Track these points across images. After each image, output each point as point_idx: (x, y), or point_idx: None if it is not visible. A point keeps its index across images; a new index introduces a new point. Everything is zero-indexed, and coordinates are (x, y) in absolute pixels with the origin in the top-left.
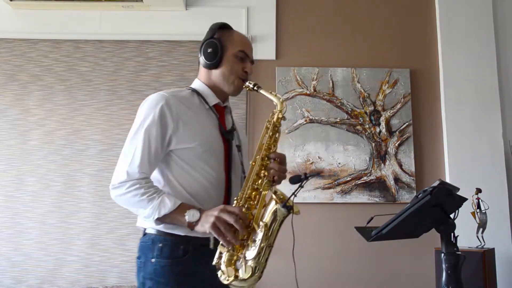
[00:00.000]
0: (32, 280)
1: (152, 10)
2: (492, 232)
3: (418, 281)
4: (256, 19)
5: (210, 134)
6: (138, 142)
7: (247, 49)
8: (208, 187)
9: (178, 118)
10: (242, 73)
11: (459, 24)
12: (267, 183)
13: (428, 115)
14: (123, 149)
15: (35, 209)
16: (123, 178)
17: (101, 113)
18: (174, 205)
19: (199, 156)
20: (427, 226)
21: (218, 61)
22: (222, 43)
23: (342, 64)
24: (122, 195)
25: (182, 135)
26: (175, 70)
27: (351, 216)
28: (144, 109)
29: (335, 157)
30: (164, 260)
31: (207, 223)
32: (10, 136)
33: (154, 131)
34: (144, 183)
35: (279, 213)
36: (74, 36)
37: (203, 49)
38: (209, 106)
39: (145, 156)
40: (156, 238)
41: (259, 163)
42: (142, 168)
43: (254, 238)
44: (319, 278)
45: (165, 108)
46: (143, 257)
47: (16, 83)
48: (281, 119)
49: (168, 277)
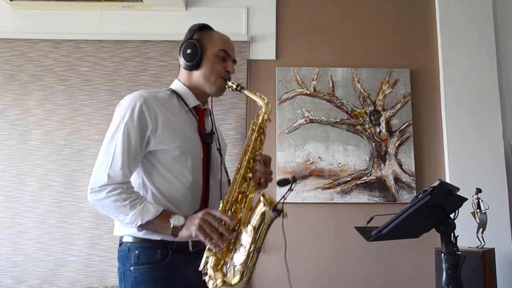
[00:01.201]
0: (32, 280)
1: (152, 10)
2: (492, 232)
3: (418, 281)
4: (256, 19)
5: (189, 136)
6: (118, 143)
7: (228, 48)
8: (184, 190)
9: (156, 118)
10: (223, 73)
11: (459, 24)
12: (253, 186)
13: (428, 115)
14: (101, 150)
15: (35, 209)
16: (103, 181)
17: (101, 113)
18: (157, 211)
19: (176, 158)
20: (427, 226)
21: (198, 61)
22: (202, 43)
23: (342, 64)
24: (102, 199)
25: (160, 136)
26: (175, 70)
27: (351, 216)
28: (122, 108)
29: (335, 157)
30: (142, 267)
31: (193, 225)
32: (10, 136)
33: (133, 131)
34: (126, 188)
35: (267, 216)
36: (74, 36)
37: (182, 50)
38: (188, 108)
39: (125, 158)
40: (132, 246)
41: (244, 165)
42: (123, 170)
43: (241, 242)
44: (319, 278)
45: (144, 108)
46: (121, 266)
47: (16, 83)
48: (266, 120)
49: (148, 284)
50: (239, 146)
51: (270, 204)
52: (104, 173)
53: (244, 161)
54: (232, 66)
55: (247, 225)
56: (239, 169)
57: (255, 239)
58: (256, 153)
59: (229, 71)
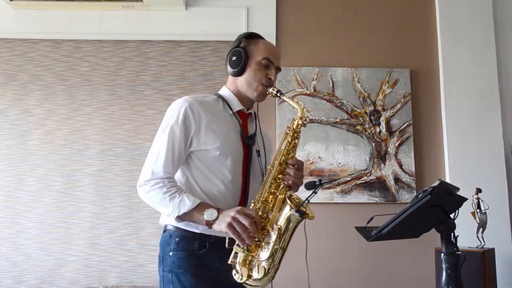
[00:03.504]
0: (32, 280)
1: (152, 10)
2: (492, 232)
3: (418, 281)
4: (256, 19)
5: (230, 138)
6: (163, 143)
7: (272, 56)
8: (224, 189)
9: (200, 121)
10: (265, 80)
11: (459, 24)
12: (283, 187)
13: (428, 115)
14: (150, 150)
15: (35, 209)
16: (148, 176)
17: (101, 113)
18: (193, 204)
19: (216, 158)
20: (427, 226)
21: (242, 68)
22: (247, 51)
23: (342, 64)
24: (146, 193)
25: (203, 137)
26: (175, 70)
27: (351, 216)
28: (169, 112)
29: (335, 157)
30: (180, 252)
31: (224, 222)
32: (10, 136)
33: (177, 132)
34: (167, 182)
35: (293, 217)
36: (74, 36)
37: (228, 58)
38: (232, 112)
39: (169, 156)
40: (174, 233)
41: (277, 167)
42: (166, 167)
43: (268, 240)
44: (319, 278)
45: (189, 111)
46: (161, 251)
47: (16, 83)
48: (301, 125)
49: (185, 268)
50: None
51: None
52: (149, 169)
53: (276, 163)
54: (275, 73)
55: (275, 224)
56: (271, 170)
57: (280, 238)
58: (289, 157)
59: (271, 78)
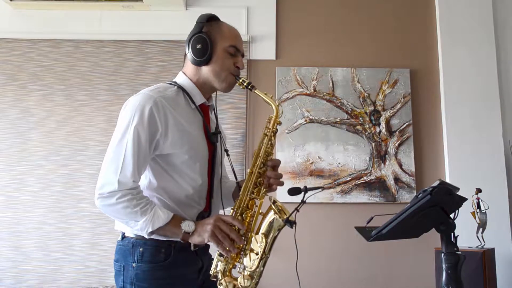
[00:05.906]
0: (32, 280)
1: (152, 10)
2: (492, 232)
3: (418, 281)
4: (256, 19)
5: (196, 139)
6: (128, 147)
7: (238, 43)
8: (192, 193)
9: (166, 121)
10: (234, 69)
11: (459, 24)
12: (264, 191)
13: (428, 115)
14: (108, 152)
15: (35, 209)
16: (113, 187)
17: (101, 113)
18: (168, 217)
19: (185, 162)
20: (427, 226)
21: (208, 57)
22: (212, 38)
23: (342, 64)
24: (111, 205)
25: (170, 140)
26: (175, 70)
27: (351, 216)
28: (129, 111)
29: (335, 157)
30: (145, 265)
31: (205, 232)
32: (10, 136)
33: (143, 135)
34: (136, 193)
35: (276, 224)
36: (74, 36)
37: (191, 44)
38: (195, 106)
39: (136, 163)
40: (136, 242)
41: (256, 171)
42: (133, 176)
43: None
44: (318, 277)
45: (154, 111)
46: (122, 261)
47: (16, 83)
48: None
49: (149, 282)
50: (239, 146)
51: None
52: (113, 178)
53: (256, 167)
54: (242, 61)
55: (257, 231)
56: (251, 175)
57: (264, 245)
58: (268, 158)
59: (239, 67)
